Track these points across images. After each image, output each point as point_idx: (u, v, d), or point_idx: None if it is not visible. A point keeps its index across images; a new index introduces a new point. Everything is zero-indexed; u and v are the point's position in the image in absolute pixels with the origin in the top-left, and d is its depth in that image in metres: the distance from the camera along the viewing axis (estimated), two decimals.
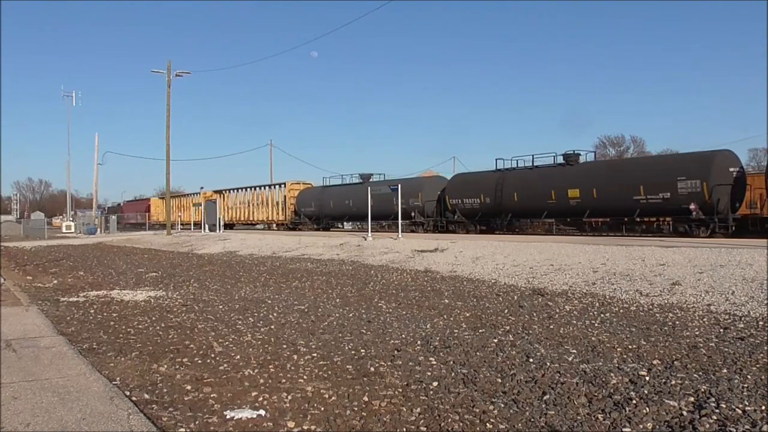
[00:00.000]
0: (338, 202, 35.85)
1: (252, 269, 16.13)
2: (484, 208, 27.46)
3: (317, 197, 38.20)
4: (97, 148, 55.91)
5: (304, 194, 40.62)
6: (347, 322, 7.88)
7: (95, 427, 3.91)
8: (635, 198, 21.58)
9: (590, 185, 23.30)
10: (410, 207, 30.52)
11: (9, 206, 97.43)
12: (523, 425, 4.00)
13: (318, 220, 38.21)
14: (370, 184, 33.77)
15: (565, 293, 10.10)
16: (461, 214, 28.57)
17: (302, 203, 39.88)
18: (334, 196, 36.29)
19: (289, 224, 40.71)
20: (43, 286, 13.11)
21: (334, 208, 36.12)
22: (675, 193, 20.57)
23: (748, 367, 5.24)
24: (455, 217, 28.85)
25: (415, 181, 33.72)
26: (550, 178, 25.01)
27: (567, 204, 23.91)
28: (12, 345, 6.43)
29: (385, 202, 30.82)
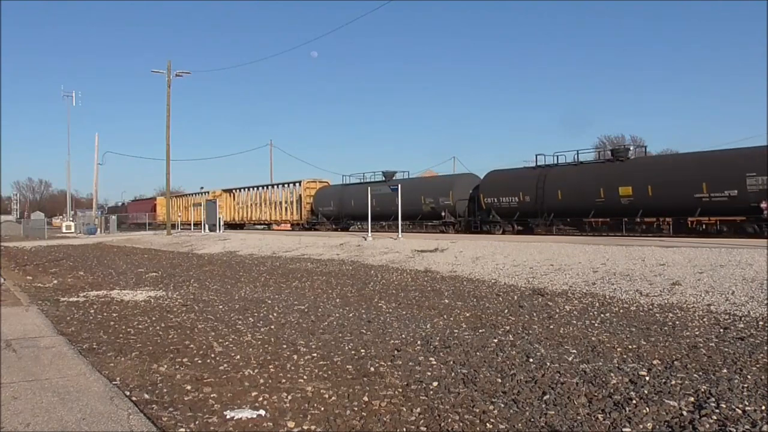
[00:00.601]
0: (360, 201, 33.19)
1: (252, 269, 16.13)
2: (523, 207, 25.73)
3: (337, 196, 36.26)
4: (97, 148, 55.94)
5: (322, 193, 38.82)
6: (347, 322, 7.88)
7: (95, 427, 3.91)
8: (696, 196, 20.08)
9: (645, 182, 21.58)
10: (440, 206, 29.39)
11: (9, 206, 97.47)
12: (523, 425, 4.00)
13: (337, 219, 36.35)
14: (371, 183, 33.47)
15: (565, 293, 10.10)
16: (497, 213, 26.86)
17: (320, 202, 38.04)
18: (356, 195, 34.04)
19: (306, 224, 38.98)
20: (43, 286, 13.11)
21: (355, 207, 33.96)
22: (743, 190, 19.01)
23: (748, 367, 5.24)
24: (490, 216, 27.09)
25: (446, 179, 32.20)
26: (598, 174, 23.37)
27: (617, 203, 22.30)
28: (12, 345, 6.43)
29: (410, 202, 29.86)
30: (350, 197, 35.15)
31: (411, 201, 30.07)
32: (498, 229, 26.84)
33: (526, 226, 26.23)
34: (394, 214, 30.82)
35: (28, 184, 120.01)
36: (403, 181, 33.11)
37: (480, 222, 27.90)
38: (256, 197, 46.05)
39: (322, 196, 38.42)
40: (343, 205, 35.61)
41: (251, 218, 46.00)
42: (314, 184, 40.03)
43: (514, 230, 26.30)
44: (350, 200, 35.01)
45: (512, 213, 26.34)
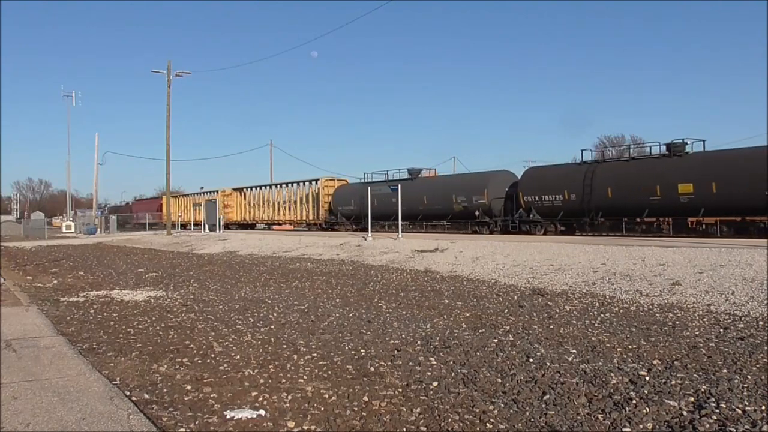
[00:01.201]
0: (384, 200, 31.67)
1: (252, 269, 16.13)
2: (568, 206, 23.78)
3: (358, 195, 33.69)
4: (97, 148, 55.95)
5: (342, 192, 36.42)
6: (347, 322, 7.88)
7: (95, 427, 3.91)
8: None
9: (708, 178, 19.95)
10: (473, 205, 27.42)
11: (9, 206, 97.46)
12: (523, 425, 4.00)
13: (358, 219, 33.98)
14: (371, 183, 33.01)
15: (565, 293, 10.10)
16: (538, 212, 24.88)
17: (339, 201, 35.68)
18: (379, 194, 32.00)
19: (323, 224, 36.86)
20: (43, 286, 13.11)
21: (378, 206, 31.68)
22: None
23: (748, 367, 5.24)
24: (530, 216, 25.13)
25: (480, 176, 29.63)
26: (653, 170, 21.53)
27: (676, 201, 20.61)
28: (12, 345, 6.43)
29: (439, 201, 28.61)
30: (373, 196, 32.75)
31: (440, 200, 28.81)
32: (539, 230, 25.01)
33: (569, 227, 24.51)
34: (421, 214, 29.87)
35: (28, 184, 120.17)
36: (432, 179, 31.63)
37: (519, 222, 25.90)
38: (268, 196, 44.21)
39: (341, 195, 36.16)
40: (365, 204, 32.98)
41: (263, 218, 44.29)
42: (332, 182, 37.97)
43: (556, 230, 24.57)
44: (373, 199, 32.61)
45: (555, 212, 24.38)
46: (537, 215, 25.00)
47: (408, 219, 30.31)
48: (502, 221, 26.81)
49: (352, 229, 34.02)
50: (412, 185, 30.37)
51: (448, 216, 29.07)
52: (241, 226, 45.77)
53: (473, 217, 27.72)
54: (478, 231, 27.48)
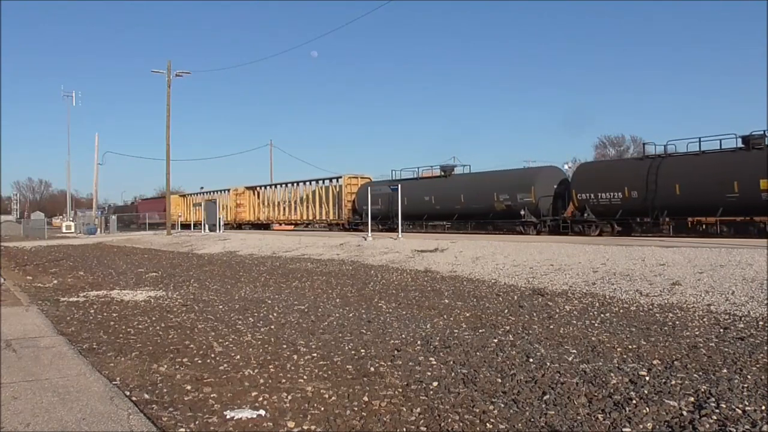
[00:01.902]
0: (415, 199, 29.64)
1: (252, 269, 16.13)
2: (628, 204, 21.71)
3: (386, 193, 31.64)
4: (97, 148, 55.98)
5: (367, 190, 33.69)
6: (347, 322, 7.88)
7: (95, 427, 3.91)
8: None
9: None
10: (518, 204, 25.31)
11: (9, 206, 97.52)
12: (523, 425, 4.00)
13: (386, 219, 32.02)
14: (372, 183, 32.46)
15: (565, 293, 10.10)
16: (593, 211, 22.75)
17: (364, 200, 32.60)
18: (410, 192, 30.01)
19: (346, 224, 34.85)
20: (43, 286, 13.11)
21: (408, 205, 29.56)
22: None
23: (748, 367, 5.24)
24: (585, 215, 23.00)
25: (527, 173, 27.46)
26: (729, 165, 19.56)
27: (756, 198, 18.70)
28: (12, 345, 6.43)
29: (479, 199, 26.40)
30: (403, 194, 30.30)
31: (480, 198, 26.70)
32: (593, 230, 23.04)
33: (626, 227, 22.57)
34: (457, 214, 27.81)
35: (28, 184, 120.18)
36: (470, 176, 29.72)
37: (571, 222, 23.73)
38: (284, 195, 41.98)
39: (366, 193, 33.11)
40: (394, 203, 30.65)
41: (279, 218, 42.35)
42: (355, 180, 35.75)
43: (613, 231, 22.53)
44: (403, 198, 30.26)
45: (613, 211, 22.24)
46: (591, 215, 22.84)
47: (443, 219, 28.60)
48: (552, 221, 24.62)
49: (378, 229, 31.80)
50: (446, 183, 28.50)
51: (488, 215, 26.90)
52: (255, 226, 44.20)
53: (517, 217, 25.47)
54: (523, 232, 25.31)
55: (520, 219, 25.41)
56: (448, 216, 28.49)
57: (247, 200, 46.04)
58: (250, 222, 45.14)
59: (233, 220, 46.14)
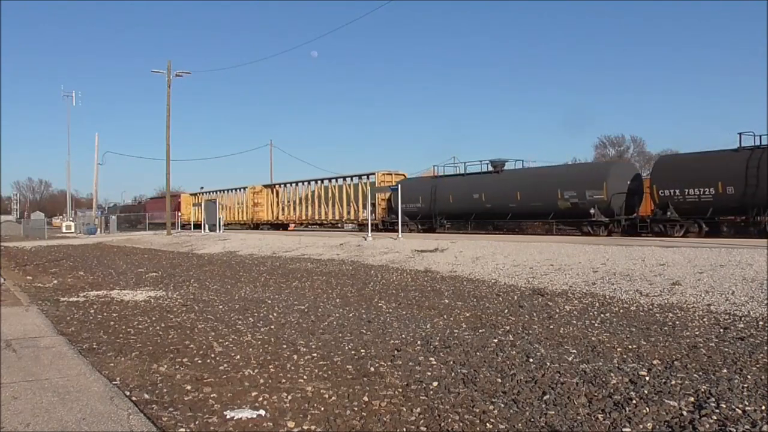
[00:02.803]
0: (461, 196, 27.43)
1: (252, 269, 16.13)
2: (722, 202, 19.45)
3: (426, 190, 29.64)
4: (97, 148, 55.95)
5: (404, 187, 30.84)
6: (347, 322, 7.88)
7: (95, 427, 3.91)
8: None
9: None
10: (587, 202, 22.96)
11: (9, 206, 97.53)
12: (523, 425, 4.00)
13: (426, 219, 29.76)
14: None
15: (565, 293, 10.10)
16: (677, 209, 20.56)
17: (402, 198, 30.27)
18: (455, 189, 27.91)
19: (380, 224, 32.22)
20: (43, 286, 13.11)
21: (454, 203, 27.62)
22: None
23: (748, 367, 5.24)
24: (668, 214, 20.66)
25: (598, 167, 25.25)
26: None
27: None
28: (12, 345, 6.43)
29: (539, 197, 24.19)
30: (446, 191, 28.51)
31: (539, 196, 24.39)
32: (678, 231, 20.66)
33: (714, 227, 20.40)
34: (512, 213, 25.62)
35: (28, 184, 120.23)
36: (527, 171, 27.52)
37: (650, 222, 21.40)
38: (306, 193, 39.56)
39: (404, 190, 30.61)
40: (437, 201, 28.89)
41: (302, 218, 39.97)
42: (389, 176, 33.70)
43: (700, 232, 20.16)
44: (447, 195, 28.29)
45: (702, 209, 20.05)
46: (675, 213, 20.59)
47: (494, 218, 26.53)
48: (627, 220, 22.35)
49: (417, 229, 30.02)
50: (498, 179, 26.36)
51: (549, 215, 24.40)
52: (274, 226, 42.02)
53: (585, 216, 23.08)
54: (592, 233, 22.89)
55: (588, 219, 22.98)
56: (500, 215, 26.08)
57: (265, 199, 43.83)
58: (269, 222, 42.99)
59: (250, 220, 44.17)
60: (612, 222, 22.67)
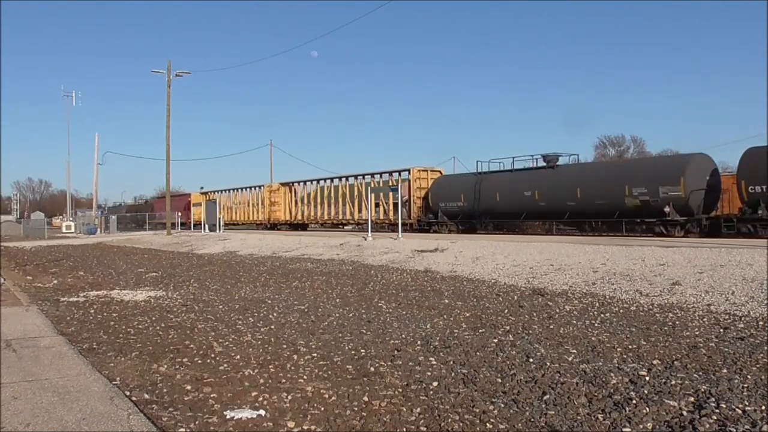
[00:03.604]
0: (510, 194, 25.40)
1: (252, 269, 16.13)
2: None
3: (468, 188, 27.33)
4: (97, 148, 55.94)
5: (444, 184, 29.79)
6: (347, 322, 7.88)
7: (95, 427, 3.91)
8: None
9: None
10: (660, 200, 20.78)
11: (9, 206, 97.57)
12: (523, 425, 4.00)
13: (469, 218, 27.55)
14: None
15: (565, 293, 10.10)
16: None
17: (440, 196, 29.04)
18: (502, 186, 25.72)
19: (416, 225, 30.41)
20: (43, 286, 13.11)
21: (501, 202, 25.51)
22: None
23: (748, 367, 5.24)
24: (759, 213, 18.67)
25: (673, 161, 22.38)
26: None
27: None
28: (12, 345, 6.42)
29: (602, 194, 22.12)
30: (493, 189, 26.19)
31: (603, 193, 22.31)
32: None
33: None
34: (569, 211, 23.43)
35: (28, 184, 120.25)
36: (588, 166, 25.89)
37: (737, 221, 19.40)
38: (330, 192, 37.15)
39: (443, 188, 29.37)
40: (482, 199, 26.61)
41: (324, 217, 37.47)
42: (425, 173, 31.39)
43: None
44: (493, 193, 26.06)
45: None
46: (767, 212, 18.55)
47: (549, 217, 24.31)
48: (708, 219, 20.36)
49: (457, 230, 27.84)
50: (553, 175, 24.30)
51: (613, 214, 22.13)
52: (292, 226, 39.93)
53: (657, 215, 20.88)
54: (666, 233, 20.48)
55: (661, 218, 20.74)
56: (556, 214, 23.89)
57: (282, 198, 41.64)
58: (287, 222, 40.83)
59: (266, 220, 42.24)
60: (689, 222, 20.49)
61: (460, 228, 27.78)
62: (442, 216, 28.76)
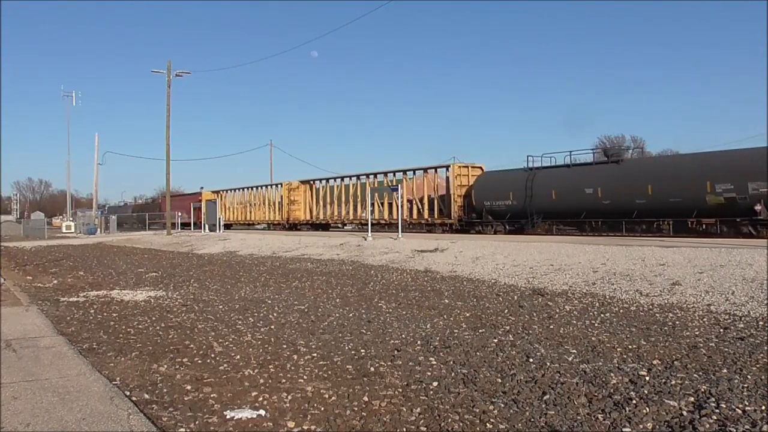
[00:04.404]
0: (568, 191, 23.30)
1: (252, 269, 16.13)
2: None
3: (518, 185, 25.27)
4: (97, 148, 55.94)
5: (489, 181, 27.61)
6: (347, 322, 7.88)
7: (95, 427, 3.91)
8: None
9: None
10: (750, 197, 18.73)
11: (9, 206, 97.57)
12: (523, 425, 4.00)
13: (519, 217, 25.46)
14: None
15: (565, 293, 10.10)
16: None
17: (485, 194, 26.89)
18: (559, 183, 23.65)
19: (456, 225, 28.25)
20: (43, 286, 13.11)
21: (558, 200, 23.48)
22: None
23: (748, 367, 5.24)
24: None
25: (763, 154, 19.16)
26: None
27: None
28: (12, 345, 6.42)
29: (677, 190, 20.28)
30: (548, 186, 24.09)
31: (680, 189, 20.40)
32: None
33: None
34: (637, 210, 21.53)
35: (28, 184, 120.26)
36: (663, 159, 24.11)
37: None
38: (356, 189, 34.69)
39: (488, 185, 27.24)
40: (534, 197, 24.48)
41: (349, 217, 35.55)
42: (466, 169, 29.22)
43: None
44: (548, 190, 23.93)
45: None
46: None
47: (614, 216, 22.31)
48: None
49: (504, 230, 25.80)
50: (618, 170, 22.24)
51: (691, 212, 20.27)
52: (314, 226, 37.92)
53: (743, 214, 19.03)
54: (755, 234, 18.64)
55: (750, 217, 18.78)
56: (622, 213, 21.83)
57: (302, 196, 39.48)
58: (307, 222, 38.67)
59: (285, 220, 40.20)
60: None
61: (507, 228, 25.75)
62: (486, 215, 26.66)
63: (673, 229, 21.23)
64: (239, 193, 47.48)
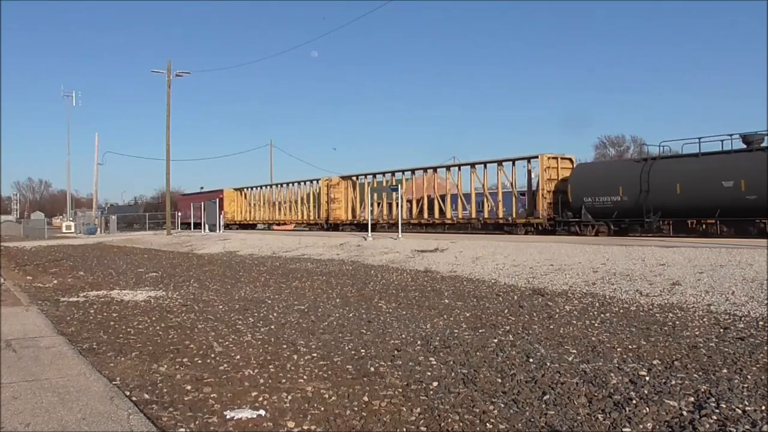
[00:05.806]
0: (697, 185, 19.15)
1: (252, 269, 16.13)
2: None
3: (631, 177, 20.97)
4: (97, 148, 55.87)
5: (591, 173, 23.44)
6: (347, 322, 7.88)
7: (95, 427, 3.91)
8: None
9: None
10: None
11: (9, 206, 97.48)
12: (523, 425, 4.00)
13: (627, 216, 21.30)
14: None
15: (565, 293, 10.10)
16: None
17: (585, 189, 22.40)
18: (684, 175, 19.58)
19: (546, 224, 23.92)
20: (43, 286, 13.11)
21: (683, 195, 19.37)
22: None
23: (748, 367, 5.24)
24: None
25: None
26: None
27: None
28: (12, 345, 6.43)
29: None
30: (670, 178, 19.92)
31: None
32: None
33: None
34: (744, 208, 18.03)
35: (28, 184, 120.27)
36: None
37: None
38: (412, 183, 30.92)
39: (589, 178, 22.88)
40: (652, 191, 20.31)
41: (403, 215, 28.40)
42: (555, 161, 24.61)
43: None
44: (671, 184, 19.75)
45: None
46: None
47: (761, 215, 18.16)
48: None
49: (609, 232, 21.92)
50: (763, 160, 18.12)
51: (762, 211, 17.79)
52: (358, 227, 32.62)
53: None
54: None
55: None
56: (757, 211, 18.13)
57: (343, 194, 35.38)
58: (350, 222, 34.34)
59: (324, 220, 36.18)
60: None
61: (612, 229, 21.77)
62: (585, 214, 22.37)
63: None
64: (267, 190, 43.43)
